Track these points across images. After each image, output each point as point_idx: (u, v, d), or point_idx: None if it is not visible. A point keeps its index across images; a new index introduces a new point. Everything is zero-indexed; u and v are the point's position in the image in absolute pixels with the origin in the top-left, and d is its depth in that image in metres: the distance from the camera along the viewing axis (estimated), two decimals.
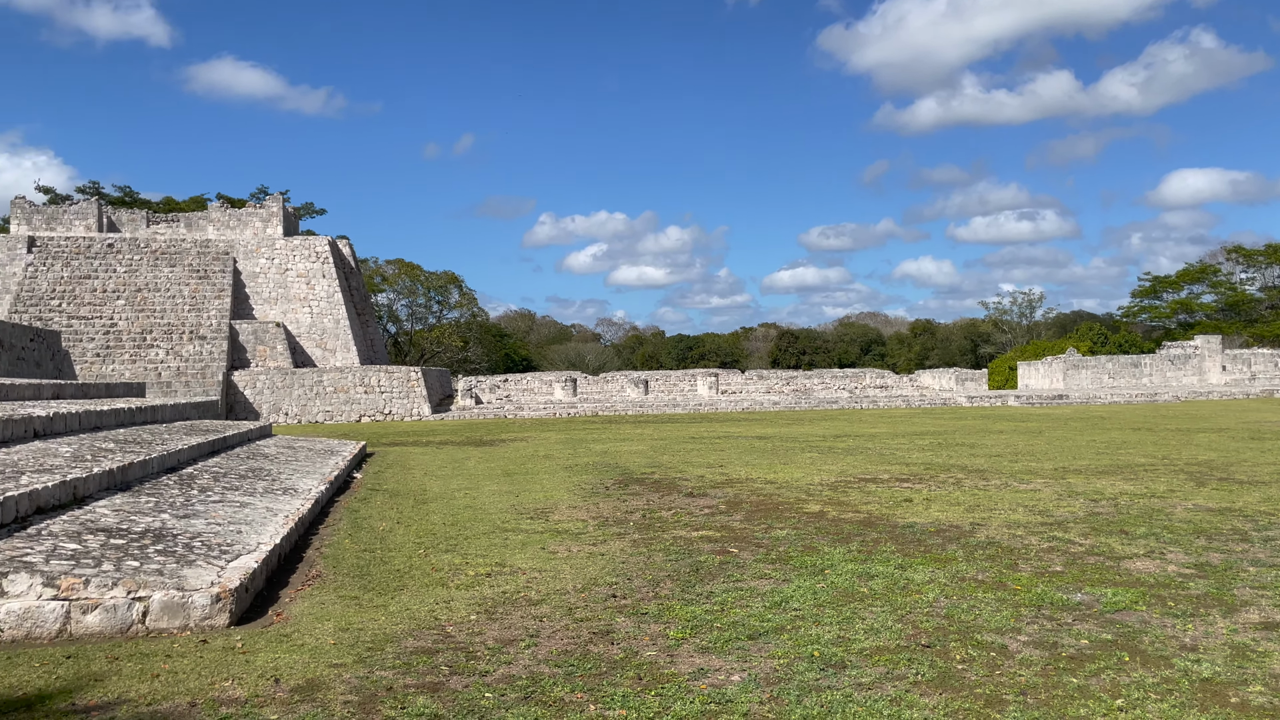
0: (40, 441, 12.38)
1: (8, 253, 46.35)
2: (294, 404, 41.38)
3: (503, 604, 7.39)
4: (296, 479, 13.99)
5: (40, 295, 44.47)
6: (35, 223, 48.91)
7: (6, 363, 23.49)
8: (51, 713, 4.98)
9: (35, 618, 6.44)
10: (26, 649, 6.16)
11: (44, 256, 46.20)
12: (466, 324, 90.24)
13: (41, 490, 8.69)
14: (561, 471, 17.36)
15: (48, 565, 6.85)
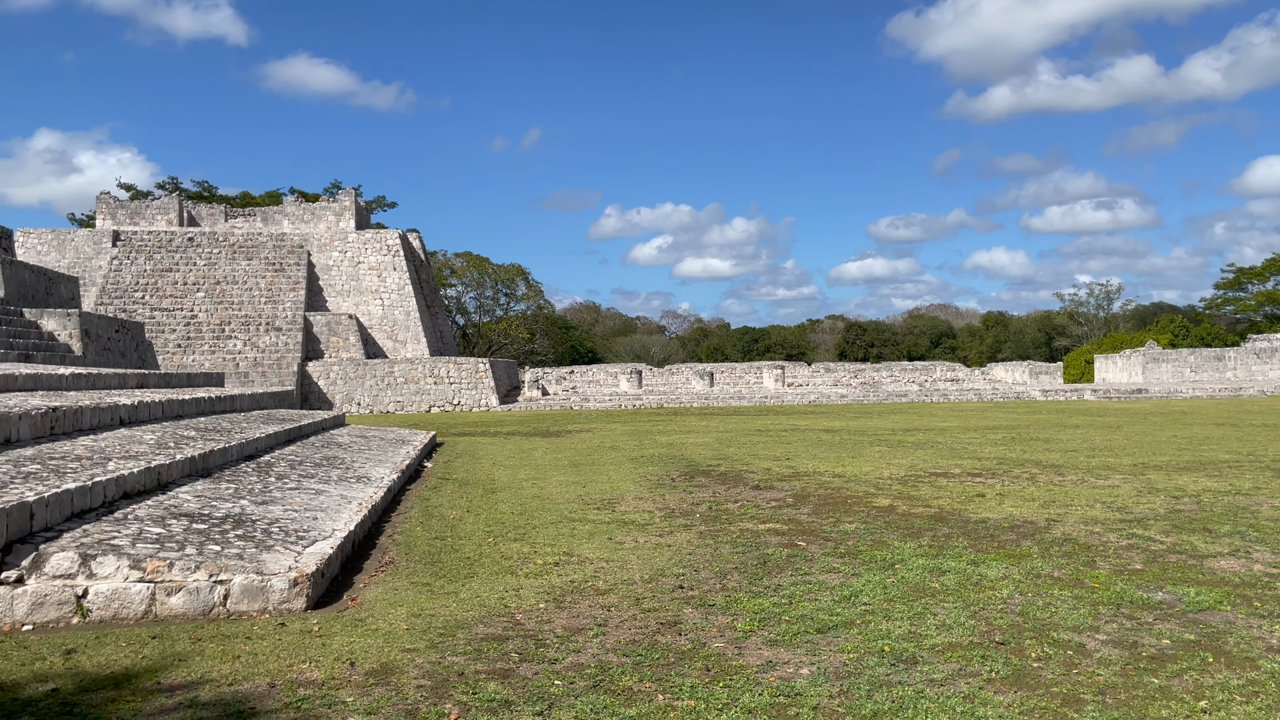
0: (126, 429, 12.82)
1: (94, 247, 48.02)
2: (366, 394, 42.19)
3: (571, 593, 7.44)
4: (369, 467, 14.27)
5: (124, 288, 45.99)
6: (119, 218, 50.59)
7: (94, 353, 24.37)
8: (138, 691, 5.15)
9: (122, 599, 6.67)
10: (114, 629, 6.39)
11: (128, 250, 47.77)
12: (533, 316, 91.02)
13: (128, 476, 9.00)
14: (627, 463, 17.42)
15: (134, 548, 7.10)
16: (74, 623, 6.49)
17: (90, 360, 23.80)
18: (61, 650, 5.85)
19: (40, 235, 47.91)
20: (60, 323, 23.55)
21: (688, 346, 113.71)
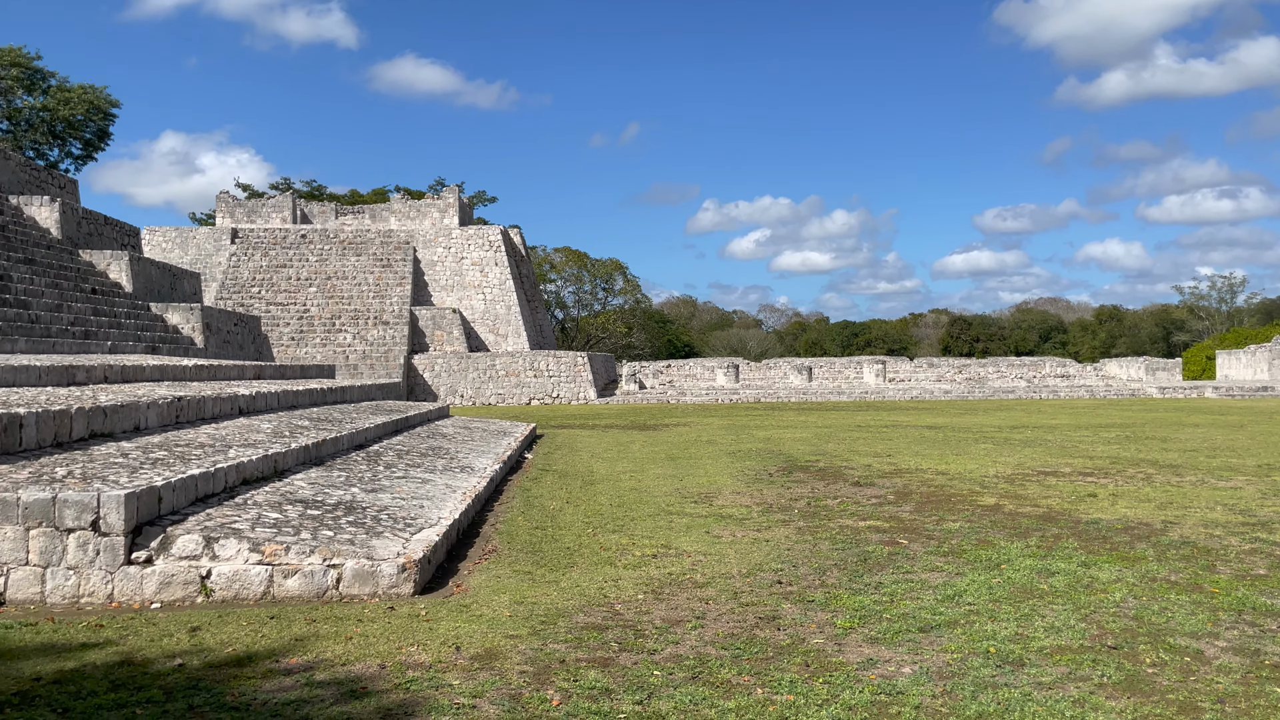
0: (244, 418, 13.40)
1: (214, 244, 50.25)
2: (468, 386, 43.12)
3: (669, 585, 7.49)
4: (472, 458, 14.60)
5: (242, 283, 48.00)
6: (237, 216, 52.80)
7: (215, 345, 25.54)
8: (259, 669, 5.41)
9: (243, 580, 7.00)
10: (235, 608, 6.71)
11: (245, 247, 49.84)
12: (630, 310, 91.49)
13: (247, 463, 9.41)
14: (724, 457, 17.40)
15: (253, 532, 7.43)
16: (198, 602, 6.84)
17: (211, 352, 24.94)
18: (187, 628, 6.18)
19: (165, 233, 50.37)
20: (184, 316, 24.75)
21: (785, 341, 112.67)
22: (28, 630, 6.10)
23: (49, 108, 58.68)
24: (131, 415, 10.60)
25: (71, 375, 13.33)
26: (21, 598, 6.77)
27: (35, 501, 6.84)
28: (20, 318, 18.09)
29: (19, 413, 8.55)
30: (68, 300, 20.70)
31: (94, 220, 27.01)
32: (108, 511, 6.87)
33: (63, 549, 6.83)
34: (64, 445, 9.05)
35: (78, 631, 6.08)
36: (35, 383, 12.45)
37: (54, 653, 5.65)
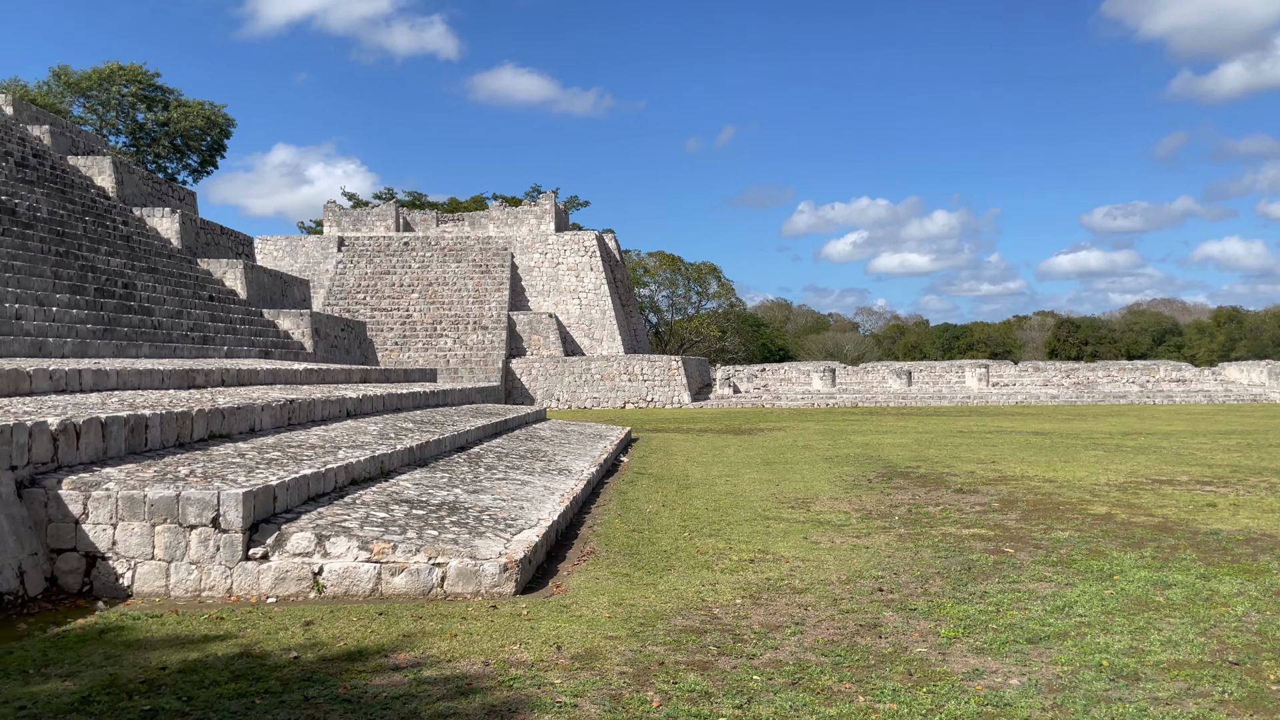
0: (352, 421, 13.84)
1: (321, 251, 52.00)
2: (564, 390, 43.62)
3: (767, 590, 7.46)
4: (569, 460, 14.77)
5: (348, 289, 49.55)
6: (343, 224, 54.54)
7: (323, 350, 26.43)
8: (369, 664, 5.58)
9: (352, 577, 7.24)
10: (345, 604, 6.94)
11: (351, 255, 51.44)
12: (724, 314, 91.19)
13: (355, 464, 9.73)
14: (821, 462, 17.21)
15: (362, 531, 7.68)
16: (310, 597, 7.10)
17: (320, 357, 25.82)
18: (301, 622, 6.42)
19: (275, 242, 52.37)
20: (294, 322, 25.69)
21: (883, 344, 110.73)
22: (154, 621, 6.42)
23: (169, 123, 61.62)
24: (247, 417, 11.06)
25: (191, 379, 13.97)
26: (148, 590, 7.14)
27: (160, 499, 7.20)
28: (144, 324, 19.04)
29: (145, 415, 9.02)
30: (187, 307, 21.70)
31: (211, 230, 28.26)
32: (227, 509, 7.19)
33: (185, 544, 7.17)
34: (185, 446, 9.50)
35: (200, 624, 6.37)
36: (159, 386, 13.09)
37: (178, 644, 5.93)
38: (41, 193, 22.08)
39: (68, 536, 7.20)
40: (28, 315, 15.60)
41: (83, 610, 6.71)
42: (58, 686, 5.14)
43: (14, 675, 5.32)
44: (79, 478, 7.47)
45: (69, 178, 24.85)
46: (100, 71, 59.89)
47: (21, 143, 25.05)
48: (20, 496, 7.20)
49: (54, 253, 19.09)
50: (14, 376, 10.19)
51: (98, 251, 20.95)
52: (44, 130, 27.14)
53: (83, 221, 22.14)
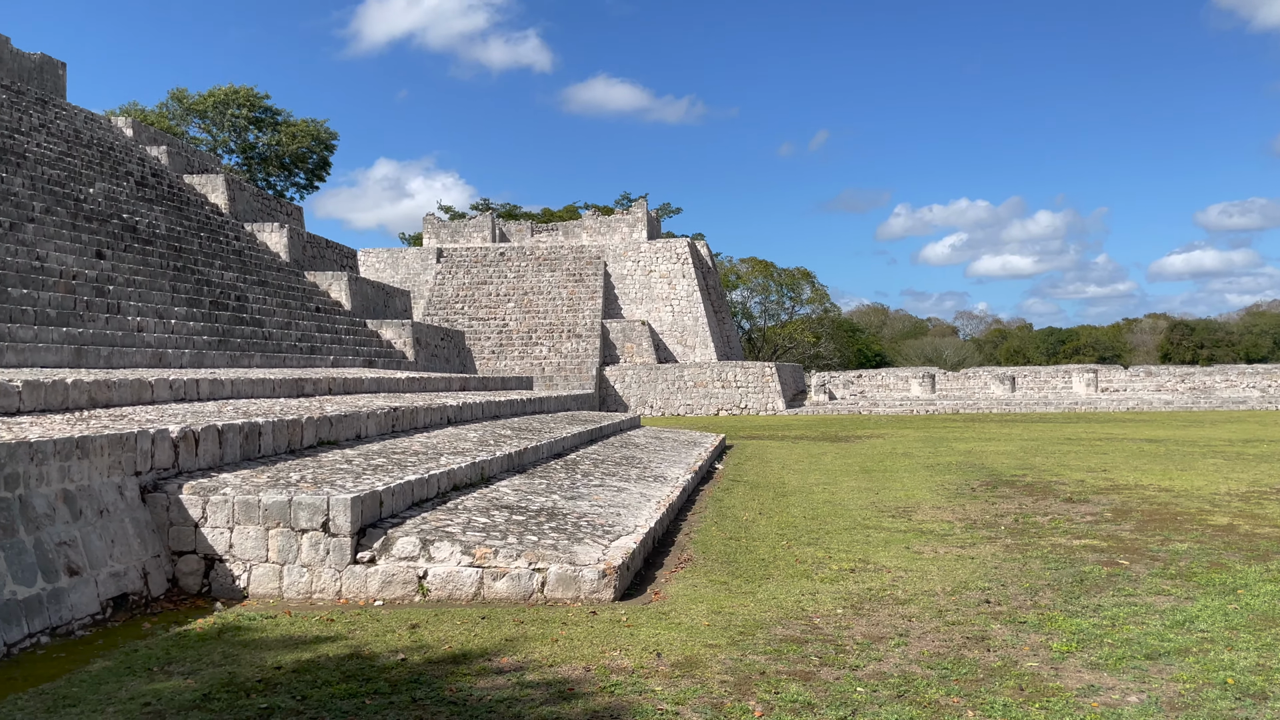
0: (452, 428, 14.13)
1: (421, 263, 53.30)
2: (657, 397, 43.73)
3: (869, 600, 7.33)
4: (664, 467, 14.79)
5: (447, 299, 50.66)
6: (442, 236, 55.81)
7: (424, 359, 27.07)
8: (473, 668, 5.68)
9: (456, 581, 7.38)
10: (449, 608, 7.07)
11: (449, 266, 52.60)
12: (818, 320, 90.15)
13: (457, 470, 9.92)
14: (922, 470, 16.85)
15: (464, 536, 7.82)
16: (415, 600, 7.26)
17: (421, 365, 26.45)
18: (407, 625, 6.57)
19: (377, 254, 53.89)
20: (396, 332, 26.38)
21: (984, 349, 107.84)
22: (268, 622, 6.66)
23: (277, 142, 64.09)
24: (353, 424, 11.39)
25: (300, 387, 14.46)
26: (262, 592, 7.40)
27: (274, 504, 7.46)
28: (256, 335, 19.80)
29: (258, 422, 9.37)
30: (295, 318, 22.48)
31: (316, 244, 29.24)
32: (336, 514, 7.42)
33: (297, 548, 7.42)
34: (296, 452, 9.83)
35: (311, 625, 6.58)
36: (270, 394, 13.59)
37: (291, 644, 6.14)
38: (160, 210, 23.18)
39: (187, 539, 7.53)
40: (148, 328, 16.38)
41: (202, 610, 7.00)
42: (180, 684, 5.36)
43: (139, 672, 5.57)
44: (198, 483, 7.80)
45: (185, 195, 26.04)
46: (215, 94, 62.69)
47: (141, 163, 26.36)
48: (144, 501, 7.56)
49: (172, 268, 20.00)
50: (137, 386, 10.71)
51: (212, 266, 21.89)
52: (161, 150, 28.50)
53: (198, 237, 23.16)
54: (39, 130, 23.10)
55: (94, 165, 23.29)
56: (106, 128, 28.52)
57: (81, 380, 9.72)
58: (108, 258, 18.13)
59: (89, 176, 22.15)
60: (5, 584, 6.01)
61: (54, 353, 12.93)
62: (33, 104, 25.13)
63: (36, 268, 15.48)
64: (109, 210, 20.68)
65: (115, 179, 23.36)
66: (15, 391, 8.68)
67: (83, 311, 15.19)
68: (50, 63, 30.53)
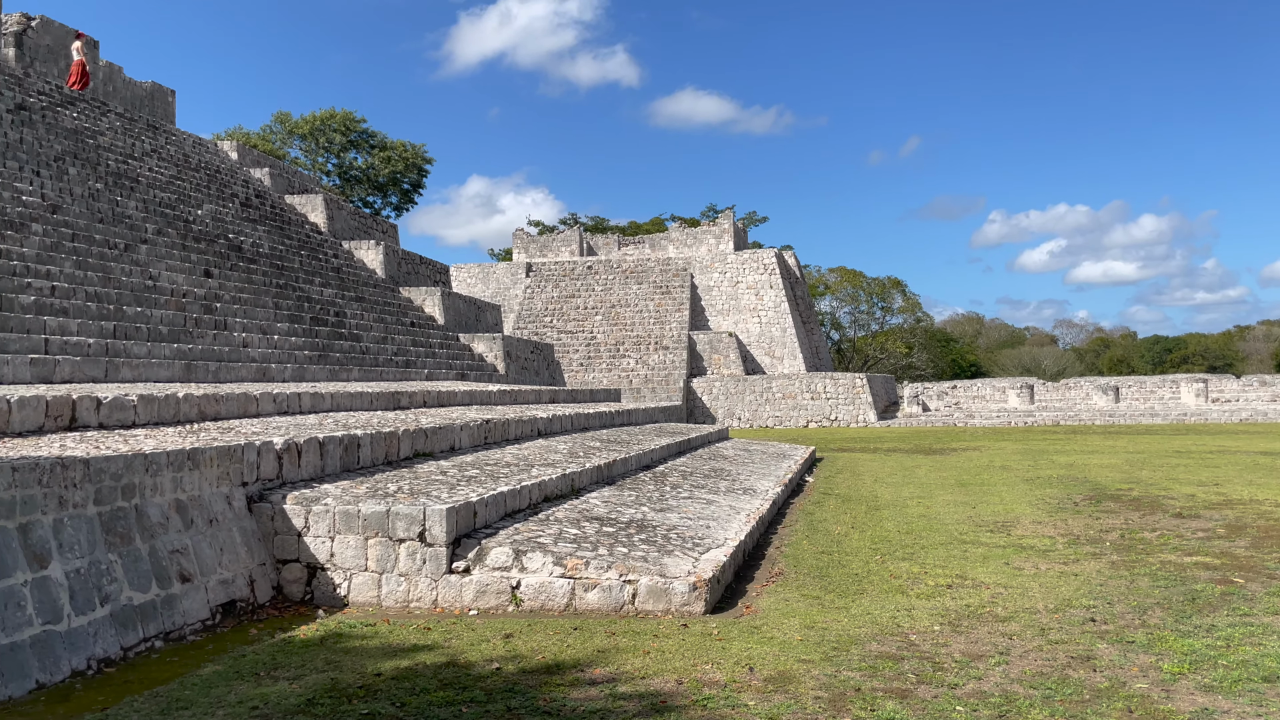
0: (542, 440, 14.29)
1: (511, 277, 54.15)
2: (745, 409, 43.49)
3: (967, 617, 7.15)
4: (753, 480, 14.69)
5: (536, 313, 51.35)
6: (531, 251, 56.62)
7: (514, 372, 27.48)
8: (566, 678, 5.72)
9: (548, 592, 7.45)
10: (541, 618, 7.15)
11: (538, 280, 53.32)
12: (910, 329, 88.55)
13: (547, 481, 10.03)
14: (1021, 484, 16.37)
15: (556, 547, 7.90)
16: (509, 610, 7.36)
17: (511, 378, 26.84)
18: (501, 634, 6.66)
19: (469, 269, 54.96)
20: (487, 345, 26.84)
21: (1085, 359, 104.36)
22: (368, 630, 6.82)
23: (370, 166, 66.04)
24: (447, 436, 11.62)
25: (396, 400, 14.82)
26: (361, 600, 7.59)
27: (373, 514, 7.66)
28: (354, 349, 20.38)
29: (357, 434, 9.63)
30: (391, 333, 23.07)
31: (411, 260, 29.97)
32: (432, 524, 7.57)
33: (395, 557, 7.60)
34: (393, 463, 10.07)
35: (409, 633, 6.72)
36: (367, 407, 13.96)
37: (390, 652, 6.28)
38: (263, 230, 24.08)
39: (291, 548, 7.77)
40: (253, 343, 17.00)
41: (305, 617, 7.21)
42: (285, 688, 5.54)
43: (247, 677, 5.77)
44: (300, 493, 8.05)
45: (286, 215, 26.99)
46: (315, 118, 64.98)
47: (245, 185, 27.44)
48: (250, 510, 7.84)
49: (275, 285, 20.74)
50: (243, 400, 11.12)
51: (312, 283, 22.62)
52: (264, 172, 29.61)
53: (299, 255, 23.97)
54: (151, 155, 24.24)
55: (202, 188, 24.33)
56: (213, 151, 29.77)
57: (191, 394, 10.14)
58: (215, 276, 18.90)
59: (197, 199, 23.14)
60: (122, 590, 6.30)
61: (166, 368, 13.52)
62: (145, 130, 26.39)
63: (149, 286, 16.22)
64: (216, 231, 21.57)
65: (222, 200, 24.36)
66: (131, 405, 9.11)
67: (192, 328, 15.85)
68: (160, 90, 32.03)
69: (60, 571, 5.92)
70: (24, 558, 5.74)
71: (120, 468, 6.66)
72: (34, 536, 5.87)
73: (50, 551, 5.92)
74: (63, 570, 5.94)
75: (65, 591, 5.89)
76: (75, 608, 5.91)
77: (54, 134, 20.74)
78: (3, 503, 5.74)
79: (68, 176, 18.91)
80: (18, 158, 18.06)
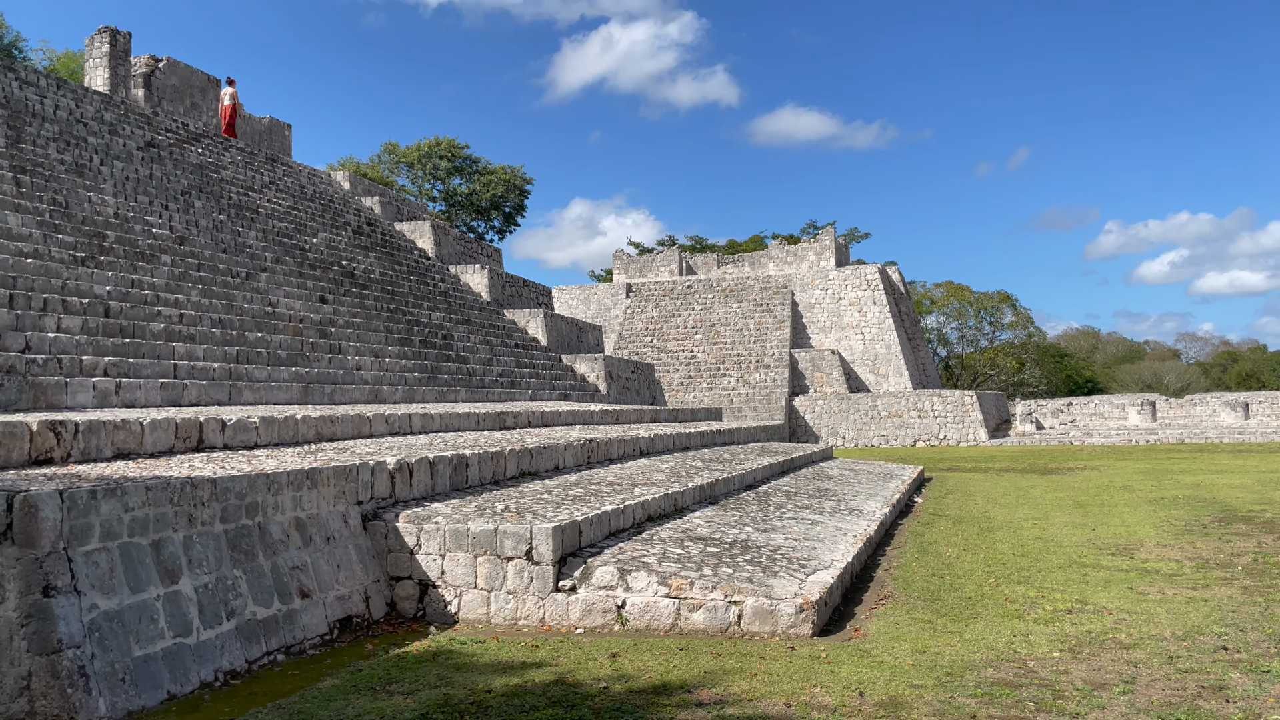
0: (645, 459, 14.34)
1: (611, 298, 54.65)
2: (850, 428, 42.80)
3: (1088, 644, 6.87)
4: (860, 500, 14.44)
5: (636, 333, 51.66)
6: (630, 271, 57.06)
7: (615, 392, 27.68)
8: (674, 699, 5.71)
9: (653, 611, 7.46)
10: (647, 638, 7.15)
11: (638, 300, 53.66)
12: (1021, 345, 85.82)
13: (651, 501, 10.06)
14: (1144, 505, 15.66)
15: (660, 567, 7.91)
16: (615, 629, 7.39)
17: (613, 398, 27.05)
18: (608, 653, 6.69)
19: (570, 291, 55.70)
20: (589, 366, 27.12)
21: (1211, 373, 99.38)
22: (478, 647, 6.94)
23: (472, 191, 67.75)
24: (552, 456, 11.77)
25: (502, 420, 15.09)
26: (471, 617, 7.73)
27: (481, 532, 7.80)
28: (461, 371, 20.85)
29: (465, 454, 9.84)
30: (496, 354, 23.53)
31: (514, 283, 30.55)
32: (539, 542, 7.67)
33: (503, 575, 7.72)
34: (500, 482, 10.25)
35: (518, 650, 6.81)
36: (474, 427, 14.25)
37: (501, 669, 6.37)
38: (374, 256, 24.90)
39: (403, 565, 7.98)
40: (365, 366, 17.57)
41: (417, 634, 7.38)
42: (400, 703, 5.67)
43: (364, 691, 5.93)
44: (412, 512, 8.26)
45: (396, 242, 27.86)
46: (421, 146, 67.08)
47: (357, 213, 28.44)
48: (365, 528, 8.08)
49: (385, 309, 21.41)
50: (356, 421, 11.49)
51: (420, 307, 23.27)
52: (375, 201, 30.65)
53: (408, 280, 24.70)
54: (269, 187, 25.36)
55: (317, 217, 25.33)
56: (327, 182, 30.96)
57: (309, 416, 10.53)
58: (330, 302, 19.62)
59: (312, 227, 24.10)
60: (246, 605, 6.57)
61: (284, 390, 14.08)
62: (263, 163, 27.64)
63: (269, 313, 16.94)
64: (330, 258, 22.40)
65: (335, 229, 25.31)
66: (253, 427, 9.51)
67: (309, 352, 16.48)
68: (278, 125, 33.51)
69: (190, 586, 6.20)
70: (156, 573, 6.04)
71: (244, 487, 6.96)
72: (165, 553, 6.17)
73: (180, 567, 6.21)
74: (192, 585, 6.22)
75: (194, 606, 6.17)
76: (203, 621, 6.18)
77: (181, 169, 21.91)
78: (137, 520, 6.06)
79: (193, 209, 19.93)
80: (148, 192, 19.12)
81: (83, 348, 11.72)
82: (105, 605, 5.63)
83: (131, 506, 6.03)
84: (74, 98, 22.29)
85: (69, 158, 18.27)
